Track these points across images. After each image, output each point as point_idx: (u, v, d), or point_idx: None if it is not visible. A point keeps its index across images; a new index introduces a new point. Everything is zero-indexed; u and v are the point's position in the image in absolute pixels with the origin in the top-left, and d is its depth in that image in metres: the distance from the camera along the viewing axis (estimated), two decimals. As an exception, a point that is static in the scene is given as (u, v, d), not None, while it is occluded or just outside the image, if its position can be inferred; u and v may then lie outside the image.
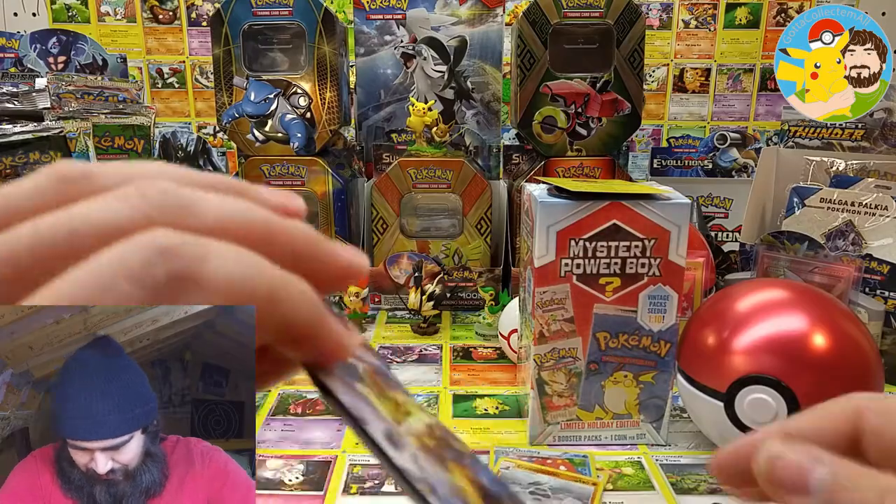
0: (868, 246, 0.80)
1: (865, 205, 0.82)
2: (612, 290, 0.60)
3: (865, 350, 0.55)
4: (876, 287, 0.79)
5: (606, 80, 0.95)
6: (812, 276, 0.79)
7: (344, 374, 0.19)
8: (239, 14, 0.95)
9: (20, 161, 0.81)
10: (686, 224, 0.59)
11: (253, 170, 0.98)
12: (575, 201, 0.58)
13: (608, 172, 0.98)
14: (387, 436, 0.18)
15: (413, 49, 1.05)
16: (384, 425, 0.18)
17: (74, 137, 0.84)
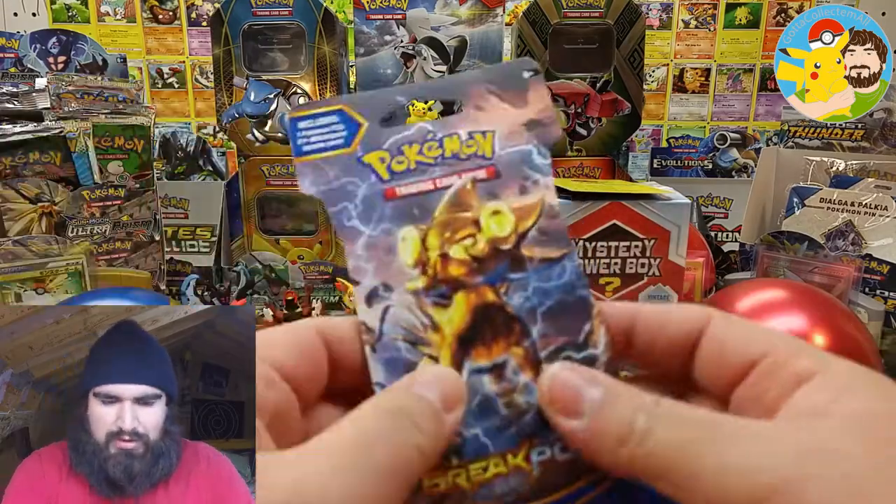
0: (868, 246, 0.80)
1: (865, 205, 0.82)
2: (611, 291, 0.60)
3: (865, 350, 0.55)
4: (876, 287, 0.79)
5: (606, 81, 0.95)
6: (812, 277, 0.79)
7: None
8: (239, 14, 0.95)
9: (20, 161, 0.81)
10: (686, 224, 0.59)
11: (253, 170, 0.98)
12: (574, 201, 0.58)
13: (608, 172, 0.98)
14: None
15: (413, 49, 1.05)
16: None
17: (74, 137, 0.84)
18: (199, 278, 0.92)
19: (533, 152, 0.26)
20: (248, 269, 0.95)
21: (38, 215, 0.81)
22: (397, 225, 0.25)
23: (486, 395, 0.24)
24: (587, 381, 0.22)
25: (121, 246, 0.86)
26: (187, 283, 0.90)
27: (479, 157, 0.26)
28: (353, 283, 0.25)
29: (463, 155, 0.26)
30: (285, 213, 1.02)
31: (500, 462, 0.23)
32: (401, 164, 0.25)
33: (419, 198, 0.25)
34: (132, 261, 0.87)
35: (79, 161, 0.84)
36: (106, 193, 0.85)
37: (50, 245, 0.79)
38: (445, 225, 0.25)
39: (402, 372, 0.24)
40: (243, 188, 1.00)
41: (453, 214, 0.25)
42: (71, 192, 0.82)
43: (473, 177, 0.25)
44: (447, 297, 0.24)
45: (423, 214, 0.25)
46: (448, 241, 0.25)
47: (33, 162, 0.81)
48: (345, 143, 0.25)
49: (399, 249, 0.25)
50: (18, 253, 0.77)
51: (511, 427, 0.23)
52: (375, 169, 0.25)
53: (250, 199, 1.00)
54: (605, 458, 0.21)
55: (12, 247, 0.77)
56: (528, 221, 0.25)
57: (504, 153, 0.26)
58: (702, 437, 0.19)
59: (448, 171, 0.25)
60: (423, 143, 0.26)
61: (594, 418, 0.21)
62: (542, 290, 0.25)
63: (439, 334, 0.24)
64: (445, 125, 0.26)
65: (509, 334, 0.24)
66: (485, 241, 0.25)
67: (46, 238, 0.79)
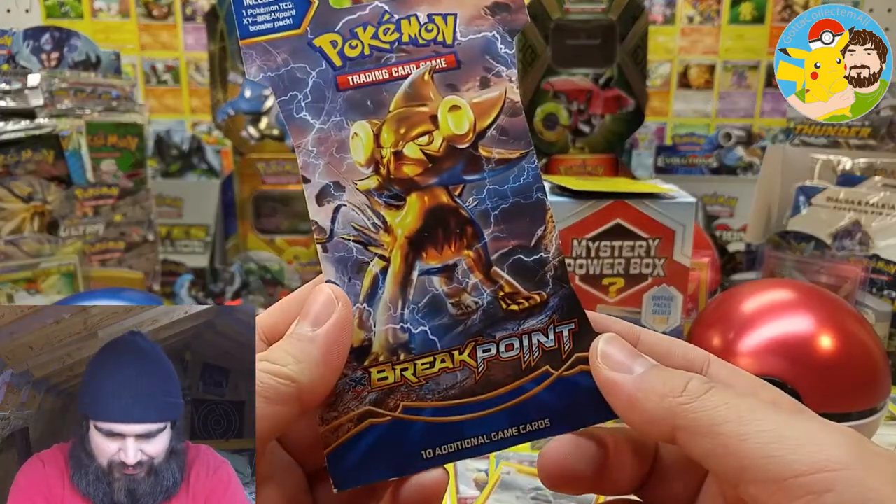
0: (875, 246, 0.79)
1: (872, 204, 0.81)
2: (615, 291, 0.59)
3: (872, 351, 0.54)
4: (883, 287, 0.77)
5: (609, 77, 0.94)
6: (818, 277, 0.78)
7: None
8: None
9: (12, 160, 0.79)
10: (691, 223, 0.58)
11: (248, 168, 0.97)
12: (577, 200, 0.57)
13: (611, 170, 0.97)
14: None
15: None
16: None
17: (67, 135, 0.82)
18: (193, 279, 0.91)
19: (497, 41, 0.24)
20: (244, 270, 0.93)
21: (31, 215, 0.80)
22: (350, 118, 0.24)
23: (436, 295, 0.24)
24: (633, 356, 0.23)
25: (114, 246, 0.85)
26: (181, 283, 0.89)
27: (439, 44, 0.24)
28: (304, 179, 0.24)
29: (421, 41, 0.24)
30: (281, 213, 1.01)
31: (447, 358, 0.24)
32: (354, 49, 0.24)
33: (373, 88, 0.24)
34: (125, 261, 0.86)
35: (71, 159, 0.83)
36: (99, 192, 0.84)
37: (42, 245, 0.78)
38: (400, 120, 0.24)
39: (352, 271, 0.24)
40: (238, 187, 0.99)
41: (409, 108, 0.24)
42: (63, 190, 0.81)
43: (432, 66, 0.24)
44: (400, 198, 0.24)
45: (376, 107, 0.24)
46: (403, 138, 0.24)
47: (25, 160, 0.80)
48: (293, 23, 0.24)
49: (351, 146, 0.24)
50: (10, 253, 0.76)
51: (459, 326, 0.24)
52: (327, 54, 0.24)
53: (245, 198, 0.99)
54: (644, 407, 0.21)
55: (4, 247, 0.76)
56: (488, 119, 0.24)
57: (466, 40, 0.24)
58: (753, 405, 0.20)
59: (405, 59, 0.24)
60: (378, 25, 0.24)
61: (646, 373, 0.22)
62: (498, 193, 0.24)
63: (391, 235, 0.24)
64: (403, 5, 0.24)
65: (462, 237, 0.24)
66: (441, 139, 0.24)
67: (38, 238, 0.78)
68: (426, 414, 0.24)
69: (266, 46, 0.24)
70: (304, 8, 0.24)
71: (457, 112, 0.24)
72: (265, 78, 0.24)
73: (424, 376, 0.24)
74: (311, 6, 0.24)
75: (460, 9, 0.24)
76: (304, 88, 0.24)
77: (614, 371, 0.22)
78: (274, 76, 0.24)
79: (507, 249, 0.24)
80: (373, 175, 0.24)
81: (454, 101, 0.24)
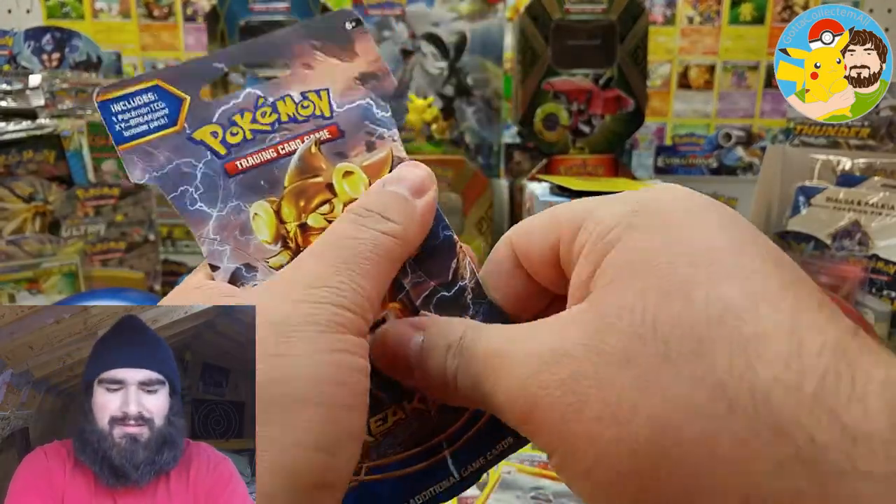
0: (875, 246, 0.79)
1: (872, 204, 0.81)
2: (615, 292, 0.59)
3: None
4: (883, 288, 0.78)
5: (609, 77, 0.94)
6: (818, 277, 0.78)
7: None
8: (236, 10, 0.93)
9: (13, 160, 0.80)
10: (691, 224, 0.58)
11: (250, 168, 0.97)
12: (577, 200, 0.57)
13: (611, 171, 0.97)
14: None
15: (412, 45, 1.04)
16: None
17: (68, 136, 0.83)
18: (195, 278, 0.91)
19: (372, 106, 0.25)
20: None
21: (32, 215, 0.80)
22: (246, 200, 0.24)
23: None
24: (414, 322, 0.24)
25: (115, 246, 0.85)
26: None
27: (318, 118, 0.25)
28: (212, 268, 0.24)
29: (300, 117, 0.24)
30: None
31: (398, 410, 0.24)
32: (236, 136, 0.24)
33: (263, 168, 0.24)
34: (127, 261, 0.86)
35: (73, 160, 0.83)
36: (100, 192, 0.84)
37: (43, 245, 0.78)
38: (298, 193, 0.24)
39: None
40: (240, 187, 0.99)
41: (304, 181, 0.24)
42: (65, 191, 0.81)
43: (317, 138, 0.24)
44: None
45: (271, 186, 0.24)
46: (304, 210, 0.24)
47: (27, 160, 0.80)
48: (169, 121, 0.24)
49: (254, 226, 0.24)
50: (11, 253, 0.76)
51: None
52: (209, 145, 0.24)
53: (247, 197, 0.99)
54: (436, 373, 0.22)
55: (5, 247, 0.76)
56: (381, 178, 0.25)
57: (343, 111, 0.25)
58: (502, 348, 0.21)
59: (288, 136, 0.24)
60: (255, 109, 0.24)
61: (427, 335, 0.22)
62: None
63: None
64: (276, 88, 0.25)
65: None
66: (341, 206, 0.24)
67: (40, 238, 0.78)
68: (392, 469, 0.24)
69: (146, 148, 0.23)
70: (177, 105, 0.24)
71: (351, 177, 0.25)
72: (151, 178, 0.23)
73: (380, 433, 0.24)
74: (183, 102, 0.24)
75: (331, 83, 0.25)
76: (194, 181, 0.24)
77: (401, 347, 0.23)
78: (160, 175, 0.24)
79: (429, 291, 0.24)
80: (283, 250, 0.24)
81: (346, 168, 0.24)
